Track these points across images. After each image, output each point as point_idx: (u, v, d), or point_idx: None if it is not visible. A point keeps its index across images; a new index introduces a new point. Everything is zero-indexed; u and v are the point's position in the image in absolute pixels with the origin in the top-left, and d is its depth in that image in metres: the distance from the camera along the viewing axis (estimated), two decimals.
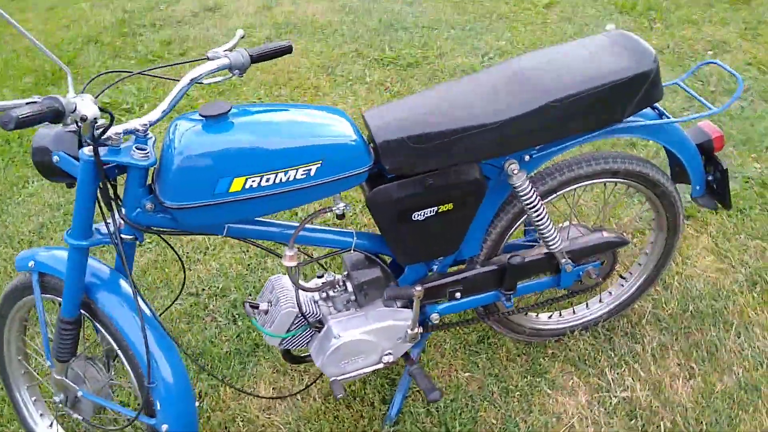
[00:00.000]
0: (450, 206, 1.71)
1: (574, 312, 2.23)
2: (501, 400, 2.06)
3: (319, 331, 1.81)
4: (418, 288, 1.77)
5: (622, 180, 1.90)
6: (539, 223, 1.81)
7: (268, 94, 4.14)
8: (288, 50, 1.69)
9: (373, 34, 4.66)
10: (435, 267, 1.89)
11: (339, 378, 1.82)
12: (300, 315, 1.76)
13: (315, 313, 1.80)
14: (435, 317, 1.90)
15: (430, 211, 1.70)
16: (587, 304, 2.24)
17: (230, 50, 1.64)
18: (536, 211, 1.78)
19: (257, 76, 4.37)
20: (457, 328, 2.25)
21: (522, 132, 1.62)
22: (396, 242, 1.74)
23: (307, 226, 1.73)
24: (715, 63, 1.88)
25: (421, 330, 1.84)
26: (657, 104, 1.82)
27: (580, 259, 1.95)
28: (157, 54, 4.80)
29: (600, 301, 2.23)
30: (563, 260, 1.91)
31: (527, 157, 1.74)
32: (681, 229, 2.05)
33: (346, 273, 1.81)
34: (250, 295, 2.53)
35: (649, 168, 1.89)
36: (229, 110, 1.50)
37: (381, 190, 1.64)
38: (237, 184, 1.48)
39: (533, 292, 2.01)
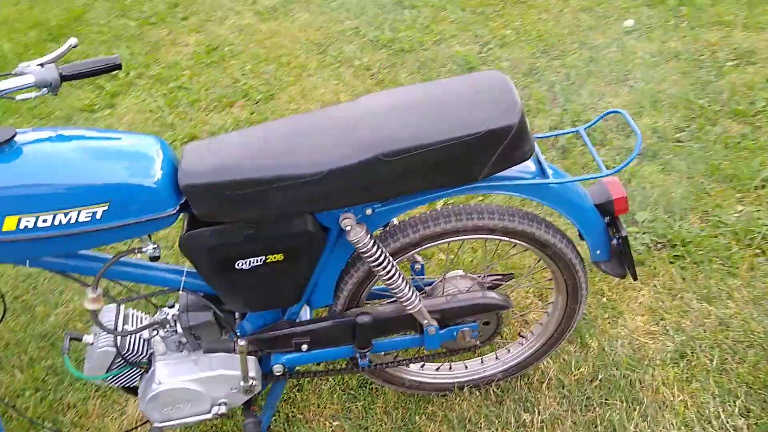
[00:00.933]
0: (279, 257, 1.51)
1: (466, 367, 2.00)
2: None
3: (148, 371, 1.68)
4: (241, 343, 1.59)
5: (502, 238, 1.64)
6: (388, 282, 1.58)
7: (254, 70, 3.96)
8: (115, 68, 1.52)
9: (379, 10, 4.38)
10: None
11: (161, 425, 1.68)
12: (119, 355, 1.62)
13: (140, 352, 1.66)
14: (278, 368, 1.72)
15: (257, 261, 1.51)
16: (482, 359, 2.00)
17: (42, 65, 1.48)
18: (383, 269, 1.55)
19: (249, 49, 4.19)
20: (315, 378, 2.06)
21: (348, 187, 1.39)
22: (220, 290, 1.56)
23: (126, 260, 1.57)
24: (619, 112, 1.58)
25: (255, 384, 1.67)
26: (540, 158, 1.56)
27: (450, 320, 1.72)
28: (161, 17, 4.68)
29: (496, 358, 1.99)
30: (425, 321, 1.69)
31: (369, 211, 1.51)
32: (583, 294, 1.77)
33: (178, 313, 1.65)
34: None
35: (536, 226, 1.62)
36: (10, 138, 1.34)
37: (194, 235, 1.46)
38: (9, 223, 1.33)
39: (394, 350, 1.79)
